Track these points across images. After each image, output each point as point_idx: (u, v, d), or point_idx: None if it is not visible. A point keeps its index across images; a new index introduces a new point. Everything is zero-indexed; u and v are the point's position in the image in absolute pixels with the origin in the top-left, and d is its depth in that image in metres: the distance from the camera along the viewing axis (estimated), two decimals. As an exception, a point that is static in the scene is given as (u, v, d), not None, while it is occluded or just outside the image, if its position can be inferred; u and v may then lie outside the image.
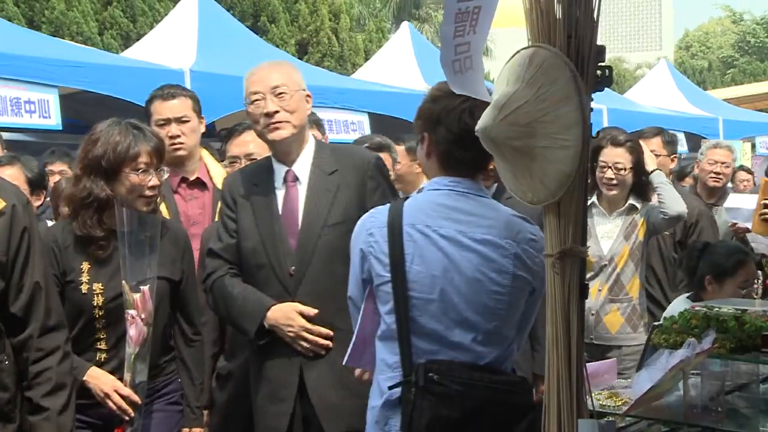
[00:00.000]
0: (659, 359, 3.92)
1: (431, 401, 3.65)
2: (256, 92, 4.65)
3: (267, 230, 4.67)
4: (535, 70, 3.11)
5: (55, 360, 3.78)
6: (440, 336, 3.79)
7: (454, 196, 3.89)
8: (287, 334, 4.55)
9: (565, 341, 3.15)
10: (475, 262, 3.79)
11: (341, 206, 4.64)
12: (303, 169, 4.73)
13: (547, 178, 3.12)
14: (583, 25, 3.21)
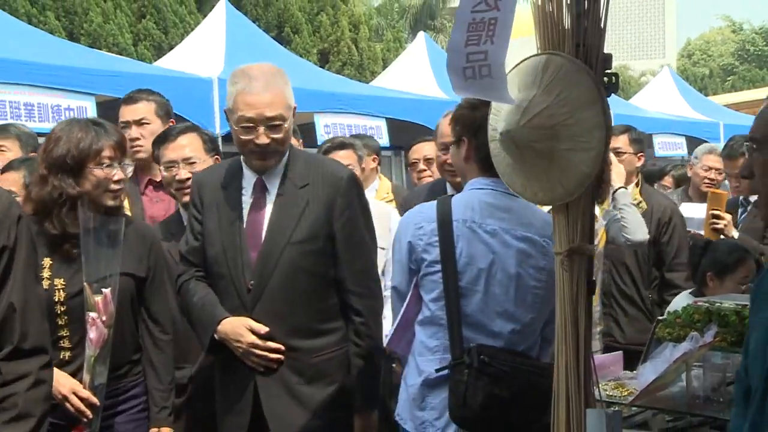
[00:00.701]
0: (663, 352, 3.92)
1: (485, 381, 3.77)
2: (248, 120, 4.12)
3: (229, 239, 4.25)
4: (552, 76, 3.11)
5: (24, 386, 3.30)
6: (482, 325, 3.95)
7: (497, 195, 4.03)
8: (236, 348, 4.19)
9: (574, 335, 3.15)
10: (517, 258, 3.96)
11: (308, 222, 4.19)
12: (273, 180, 4.27)
13: (566, 179, 3.12)
14: (591, 35, 3.22)
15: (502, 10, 3.71)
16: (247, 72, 4.17)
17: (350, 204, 4.23)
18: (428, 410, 3.98)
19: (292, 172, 4.24)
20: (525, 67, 3.26)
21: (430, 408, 3.97)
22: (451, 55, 3.69)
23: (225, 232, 4.21)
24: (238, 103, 4.10)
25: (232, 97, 4.13)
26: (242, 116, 4.08)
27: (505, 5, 3.79)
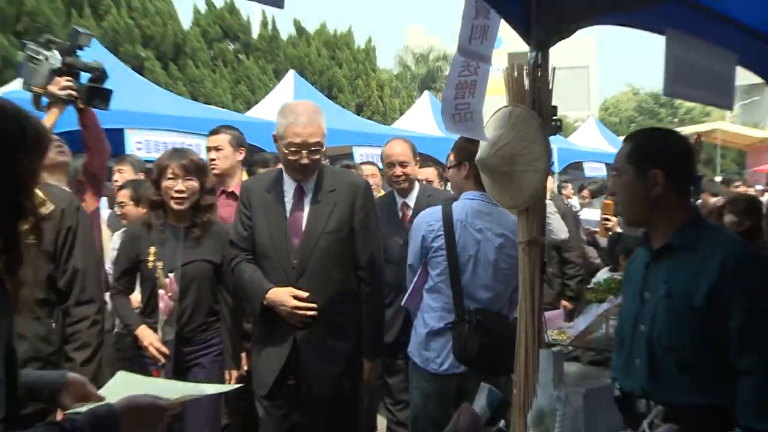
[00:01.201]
0: (591, 310, 3.88)
1: (480, 334, 3.84)
2: (296, 146, 3.81)
3: (276, 230, 3.93)
4: (514, 120, 3.16)
5: (85, 325, 3.47)
6: (470, 293, 3.95)
7: (483, 203, 4.01)
8: (282, 311, 3.87)
9: (531, 299, 3.15)
10: (495, 249, 3.97)
11: (337, 218, 3.92)
12: (309, 186, 3.96)
13: (524, 191, 3.18)
14: (542, 93, 3.28)
15: (480, 76, 3.72)
16: (294, 108, 3.90)
17: (365, 204, 3.99)
18: (431, 351, 3.99)
19: (323, 181, 3.96)
20: (498, 114, 3.29)
21: (432, 349, 3.98)
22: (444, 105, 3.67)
23: (272, 224, 3.93)
24: (287, 132, 3.81)
25: (282, 127, 3.84)
26: (291, 142, 3.80)
27: (482, 72, 3.79)
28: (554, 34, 3.30)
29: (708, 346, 2.47)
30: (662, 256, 2.64)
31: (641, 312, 2.65)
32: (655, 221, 2.67)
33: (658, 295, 2.59)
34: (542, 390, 2.62)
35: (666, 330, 2.54)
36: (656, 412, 2.45)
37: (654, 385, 2.55)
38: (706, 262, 2.49)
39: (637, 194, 2.64)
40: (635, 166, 2.63)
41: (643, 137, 2.74)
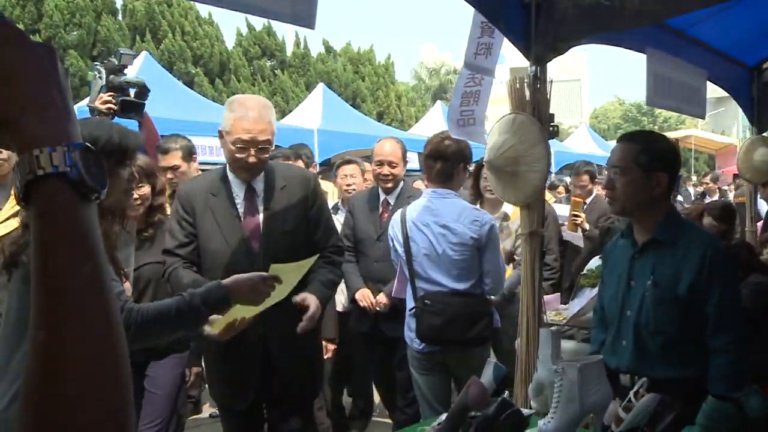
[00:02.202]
0: (584, 293, 3.85)
1: (427, 315, 3.66)
2: (244, 142, 3.04)
3: (231, 234, 3.11)
4: (517, 126, 3.12)
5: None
6: (429, 278, 3.71)
7: (431, 199, 3.77)
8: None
9: (532, 284, 3.11)
10: (439, 238, 3.69)
11: (293, 216, 3.18)
12: (259, 185, 3.18)
13: (526, 188, 3.16)
14: (541, 102, 3.27)
15: (483, 87, 3.74)
16: (244, 102, 3.15)
17: (317, 196, 3.32)
18: (410, 331, 3.81)
19: (272, 179, 3.22)
20: (503, 120, 3.24)
21: (410, 330, 3.80)
22: (450, 112, 3.70)
23: (226, 229, 3.12)
24: (235, 127, 3.04)
25: (229, 121, 3.06)
26: (239, 138, 3.03)
27: (486, 83, 3.80)
28: (551, 51, 3.30)
29: (688, 328, 2.51)
30: (647, 248, 2.61)
31: (627, 298, 2.63)
32: (644, 215, 2.63)
33: (645, 284, 2.57)
34: (542, 364, 2.59)
35: (653, 315, 2.54)
36: (641, 383, 2.42)
37: (639, 362, 2.57)
38: (687, 255, 2.51)
39: (639, 192, 2.58)
40: (642, 167, 2.56)
41: (646, 140, 2.66)
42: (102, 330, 0.71)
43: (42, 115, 0.74)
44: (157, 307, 2.16)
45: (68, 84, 0.78)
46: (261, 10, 2.38)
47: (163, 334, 2.22)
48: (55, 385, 0.67)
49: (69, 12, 17.15)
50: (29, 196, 0.73)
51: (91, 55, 17.49)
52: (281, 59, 22.25)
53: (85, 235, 0.73)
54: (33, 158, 0.72)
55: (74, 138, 0.75)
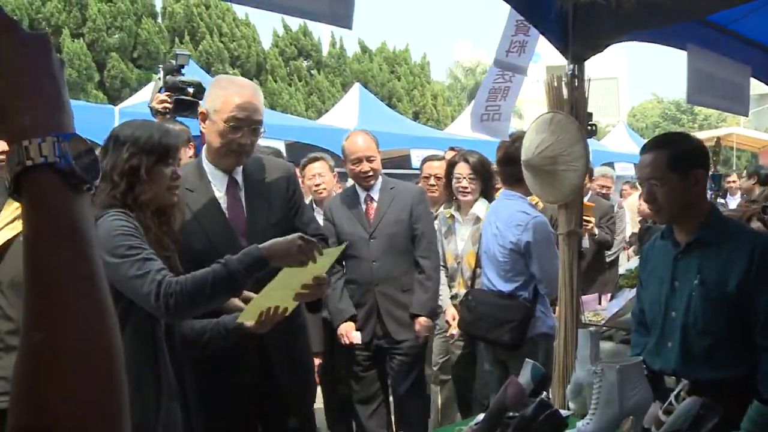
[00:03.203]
0: (622, 294, 3.80)
1: (464, 309, 3.91)
2: (239, 120, 2.73)
3: (216, 231, 2.80)
4: (555, 125, 3.09)
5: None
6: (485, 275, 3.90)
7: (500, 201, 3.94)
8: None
9: (570, 284, 3.07)
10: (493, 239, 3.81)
11: (278, 208, 2.90)
12: (239, 177, 2.90)
13: (564, 188, 3.11)
14: (579, 101, 3.24)
15: (513, 84, 3.74)
16: (235, 81, 2.94)
17: (296, 186, 3.06)
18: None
19: (249, 169, 2.93)
20: (540, 120, 3.20)
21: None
22: (475, 107, 3.71)
23: (209, 226, 2.81)
24: (228, 105, 2.74)
25: (219, 99, 2.76)
26: (233, 116, 2.73)
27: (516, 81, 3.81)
28: (589, 49, 3.26)
29: (736, 328, 2.44)
30: (691, 248, 2.55)
31: (671, 299, 2.57)
32: (686, 216, 2.57)
33: (691, 284, 2.51)
34: (580, 365, 2.56)
35: (701, 315, 2.47)
36: (682, 386, 2.38)
37: (685, 364, 2.49)
38: (735, 253, 2.44)
39: (681, 196, 2.52)
40: (678, 171, 2.50)
41: (672, 143, 2.60)
42: (96, 325, 0.70)
43: (33, 106, 0.73)
44: (195, 277, 2.16)
45: (63, 74, 0.77)
46: (299, 10, 2.39)
47: (203, 303, 2.21)
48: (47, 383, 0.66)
49: (111, 16, 17.44)
50: (20, 188, 0.72)
51: (132, 57, 17.81)
52: (317, 59, 22.34)
53: (75, 227, 0.72)
54: (22, 149, 0.71)
55: (65, 128, 0.74)
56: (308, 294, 2.49)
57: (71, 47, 16.41)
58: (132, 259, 2.08)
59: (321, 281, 2.47)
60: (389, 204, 4.02)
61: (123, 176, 2.17)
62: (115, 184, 2.17)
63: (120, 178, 2.17)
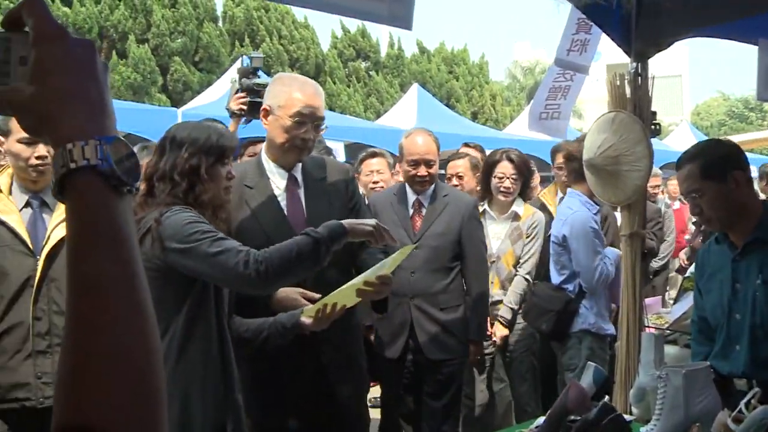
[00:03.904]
0: (687, 297, 3.72)
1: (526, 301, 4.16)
2: (304, 116, 2.73)
3: (275, 229, 2.74)
4: (617, 125, 3.04)
5: None
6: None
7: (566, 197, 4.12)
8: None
9: (632, 286, 3.01)
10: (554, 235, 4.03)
11: (336, 207, 2.84)
12: (299, 175, 2.88)
13: (627, 188, 3.04)
14: (642, 100, 3.16)
15: (574, 83, 3.70)
16: (297, 78, 2.97)
17: (356, 186, 3.06)
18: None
19: (308, 168, 2.90)
20: (601, 119, 3.15)
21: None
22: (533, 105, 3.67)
23: (268, 224, 2.79)
24: (294, 101, 2.73)
25: (283, 95, 2.76)
26: (299, 112, 2.72)
27: (577, 80, 3.76)
28: (653, 46, 3.20)
29: None
30: (749, 249, 2.51)
31: (734, 302, 2.51)
32: (737, 219, 2.54)
33: (754, 285, 2.45)
34: (644, 369, 2.51)
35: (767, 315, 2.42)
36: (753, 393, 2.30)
37: (755, 366, 2.43)
38: None
39: (726, 201, 2.50)
40: (714, 178, 2.49)
41: (704, 152, 2.59)
42: (133, 328, 0.71)
43: (77, 110, 0.75)
44: (280, 247, 2.20)
45: (107, 78, 0.79)
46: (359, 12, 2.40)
47: (290, 272, 2.24)
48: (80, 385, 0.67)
49: (174, 21, 17.86)
50: (64, 190, 0.74)
51: (194, 60, 18.19)
52: (376, 60, 22.44)
53: (117, 228, 0.73)
54: (66, 152, 0.73)
55: (107, 132, 0.75)
56: (371, 292, 2.47)
57: (136, 52, 16.86)
58: (209, 239, 2.12)
59: (385, 280, 2.46)
60: (439, 213, 3.70)
61: (184, 176, 2.22)
62: (175, 183, 2.21)
63: (181, 177, 2.21)
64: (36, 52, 0.75)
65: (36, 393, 2.59)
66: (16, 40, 0.76)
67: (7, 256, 2.61)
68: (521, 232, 4.24)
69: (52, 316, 2.62)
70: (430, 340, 3.60)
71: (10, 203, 2.69)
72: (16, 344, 2.60)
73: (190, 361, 2.16)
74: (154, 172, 2.22)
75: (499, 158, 4.23)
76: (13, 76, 0.76)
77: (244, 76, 4.11)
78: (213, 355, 2.22)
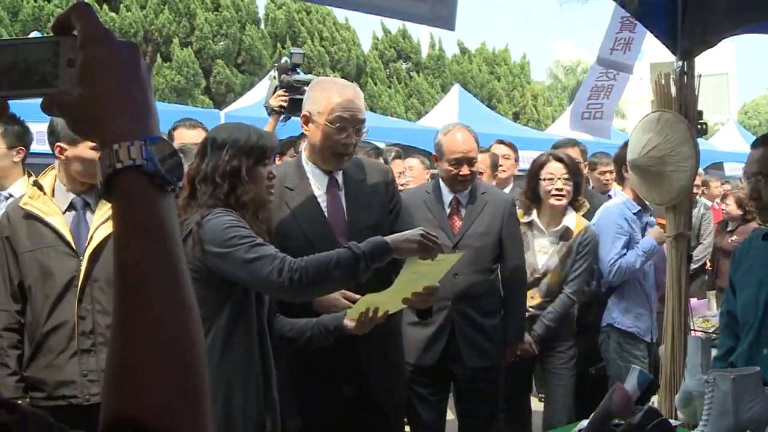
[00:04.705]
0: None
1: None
2: (345, 120, 2.67)
3: (315, 231, 2.73)
4: (662, 125, 3.00)
5: None
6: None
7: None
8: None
9: (677, 288, 2.96)
10: None
11: (376, 209, 2.82)
12: (339, 176, 2.83)
13: (672, 189, 3.03)
14: (689, 99, 3.14)
15: (618, 82, 3.64)
16: (336, 82, 2.92)
17: (396, 189, 2.99)
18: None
19: (348, 170, 2.85)
20: (646, 119, 3.11)
21: None
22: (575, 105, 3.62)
23: (308, 226, 2.75)
24: (334, 106, 2.68)
25: (323, 101, 2.71)
26: (340, 116, 2.67)
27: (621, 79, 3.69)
28: (699, 44, 3.14)
29: None
30: None
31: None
32: None
33: None
34: (690, 374, 2.45)
35: None
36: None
37: None
38: None
39: None
40: None
41: None
42: (177, 325, 0.72)
43: (123, 111, 0.76)
44: (319, 257, 2.20)
45: (150, 79, 0.81)
46: (402, 13, 2.40)
47: (325, 284, 2.25)
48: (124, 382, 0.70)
49: (217, 24, 18.11)
50: (111, 189, 0.76)
51: (236, 62, 18.41)
52: (416, 61, 22.43)
53: (162, 226, 0.75)
54: (113, 152, 0.74)
55: (152, 132, 0.77)
56: (417, 302, 2.49)
57: (180, 55, 17.13)
58: (246, 245, 2.14)
59: (432, 291, 2.47)
60: (479, 212, 3.50)
61: (225, 177, 2.23)
62: (217, 185, 2.23)
63: (222, 179, 2.23)
64: (83, 55, 0.77)
65: (82, 390, 2.64)
66: (65, 43, 0.78)
67: (52, 256, 2.66)
68: (571, 249, 3.79)
69: (96, 315, 2.67)
70: (471, 347, 3.41)
71: (53, 205, 2.72)
72: (61, 343, 2.65)
73: (232, 360, 2.19)
74: (196, 175, 2.25)
75: (546, 159, 3.82)
76: (61, 79, 0.77)
77: (284, 72, 4.10)
78: (254, 354, 2.24)
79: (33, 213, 2.68)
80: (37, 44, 0.80)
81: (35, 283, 2.66)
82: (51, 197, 2.74)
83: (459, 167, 3.44)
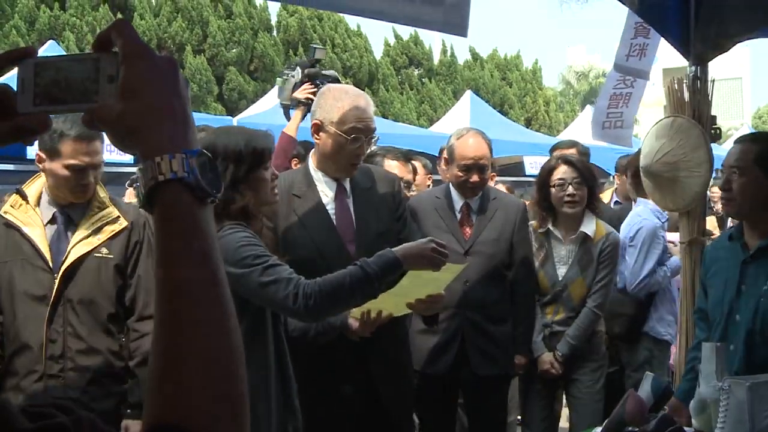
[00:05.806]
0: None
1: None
2: (359, 131, 2.65)
3: (324, 240, 2.71)
4: (675, 130, 3.00)
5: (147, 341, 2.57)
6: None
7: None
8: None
9: (691, 294, 2.95)
10: None
11: (384, 216, 2.80)
12: (347, 183, 2.82)
13: (686, 195, 3.04)
14: (702, 104, 3.15)
15: (635, 89, 3.63)
16: (347, 90, 2.84)
17: (402, 197, 2.97)
18: None
19: (356, 178, 2.83)
20: (659, 124, 3.11)
21: None
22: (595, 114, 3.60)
23: (316, 234, 2.73)
24: (346, 115, 2.66)
25: (336, 110, 2.68)
26: (354, 127, 2.65)
27: (638, 86, 3.68)
28: (713, 49, 3.14)
29: None
30: (762, 253, 2.50)
31: (737, 303, 2.52)
32: (759, 218, 2.53)
33: (760, 290, 2.46)
34: (705, 381, 2.44)
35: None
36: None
37: (749, 368, 2.44)
38: None
39: (757, 193, 2.49)
40: (763, 167, 2.48)
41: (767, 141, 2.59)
42: (222, 326, 0.74)
43: (164, 124, 0.78)
44: (331, 278, 2.19)
45: (188, 93, 0.83)
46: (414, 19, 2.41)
47: (341, 305, 2.26)
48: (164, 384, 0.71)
49: (230, 31, 18.20)
50: (153, 201, 0.78)
51: (249, 70, 18.50)
52: (428, 68, 22.44)
53: (202, 236, 0.77)
54: (155, 165, 0.76)
55: (192, 145, 0.79)
56: (422, 308, 2.51)
57: (193, 63, 17.22)
58: (260, 267, 2.13)
59: (437, 299, 2.49)
60: (491, 218, 3.42)
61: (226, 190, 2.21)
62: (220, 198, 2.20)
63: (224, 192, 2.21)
64: (124, 71, 0.79)
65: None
66: (105, 60, 0.80)
67: (26, 270, 2.50)
68: (592, 256, 3.56)
69: (68, 338, 2.51)
70: (481, 355, 3.34)
71: (35, 215, 2.57)
72: (26, 365, 2.50)
73: (253, 370, 2.18)
74: None
75: (555, 164, 3.61)
76: (101, 94, 0.79)
77: (308, 66, 4.10)
78: (272, 362, 2.24)
79: (12, 223, 2.54)
80: (78, 61, 0.82)
81: (5, 297, 2.51)
82: (35, 207, 2.58)
83: (469, 174, 3.35)
